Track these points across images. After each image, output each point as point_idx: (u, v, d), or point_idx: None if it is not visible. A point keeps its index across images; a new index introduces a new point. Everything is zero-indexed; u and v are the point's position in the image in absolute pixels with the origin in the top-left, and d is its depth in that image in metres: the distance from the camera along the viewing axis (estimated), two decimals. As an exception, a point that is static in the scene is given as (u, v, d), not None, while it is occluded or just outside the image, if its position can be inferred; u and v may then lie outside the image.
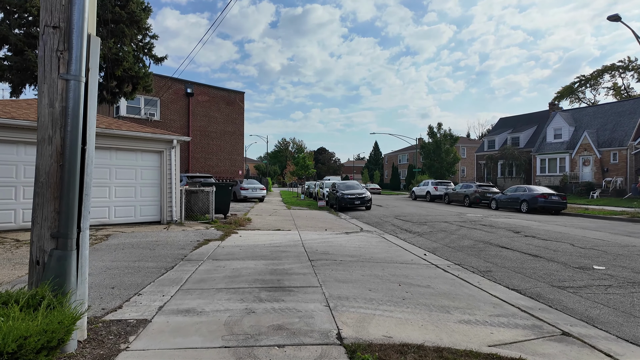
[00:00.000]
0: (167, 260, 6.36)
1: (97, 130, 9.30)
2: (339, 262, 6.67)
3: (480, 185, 24.45)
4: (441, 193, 28.41)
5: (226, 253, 7.20)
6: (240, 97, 32.04)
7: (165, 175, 10.57)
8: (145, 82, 17.06)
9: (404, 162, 67.37)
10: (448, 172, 38.67)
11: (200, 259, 6.58)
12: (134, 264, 6.01)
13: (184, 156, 27.83)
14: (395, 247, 8.67)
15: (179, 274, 5.52)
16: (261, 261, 6.54)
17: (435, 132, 39.06)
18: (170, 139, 10.52)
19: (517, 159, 37.02)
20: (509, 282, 5.84)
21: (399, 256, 7.53)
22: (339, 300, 4.45)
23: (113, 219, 9.78)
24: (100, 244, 7.48)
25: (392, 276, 5.79)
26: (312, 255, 7.16)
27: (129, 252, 6.85)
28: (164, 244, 7.77)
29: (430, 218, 15.32)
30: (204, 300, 4.38)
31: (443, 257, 7.76)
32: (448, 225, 13.05)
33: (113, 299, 4.32)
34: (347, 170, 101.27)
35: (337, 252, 7.65)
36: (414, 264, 6.83)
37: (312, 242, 8.84)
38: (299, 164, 32.01)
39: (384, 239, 9.77)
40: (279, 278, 5.38)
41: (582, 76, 50.65)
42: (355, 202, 19.64)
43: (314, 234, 10.36)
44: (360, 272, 5.98)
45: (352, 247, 8.35)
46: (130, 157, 10.07)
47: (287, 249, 7.77)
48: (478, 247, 8.81)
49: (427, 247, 8.81)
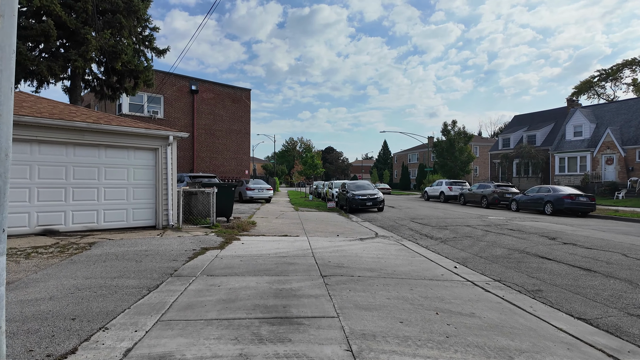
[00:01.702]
0: (153, 277, 5.34)
1: (83, 126, 8.37)
2: (356, 278, 5.59)
3: (498, 185, 23.15)
4: (456, 193, 27.13)
5: (224, 266, 6.17)
6: (247, 94, 31.08)
7: (161, 175, 9.58)
8: (145, 76, 16.15)
9: (414, 162, 65.95)
10: (462, 171, 37.20)
11: (192, 274, 5.55)
12: (112, 282, 5.00)
13: (188, 155, 26.96)
14: (419, 257, 7.56)
15: (163, 297, 4.49)
16: (264, 277, 5.49)
17: (449, 129, 37.61)
18: (165, 135, 9.52)
19: (534, 157, 35.48)
20: (569, 307, 4.71)
21: (425, 269, 6.43)
22: (363, 340, 3.38)
23: (102, 223, 8.82)
24: (80, 254, 6.49)
25: (425, 299, 4.70)
26: (324, 269, 6.09)
27: (110, 266, 5.85)
28: (153, 255, 6.76)
29: (450, 221, 14.15)
30: (187, 339, 3.34)
31: (477, 270, 6.64)
32: (472, 229, 11.88)
33: (68, 338, 3.30)
34: (355, 169, 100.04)
35: (353, 264, 6.57)
36: (446, 281, 5.72)
37: (323, 251, 7.78)
38: (307, 163, 30.93)
39: (403, 247, 8.66)
40: (285, 304, 4.32)
41: (603, 70, 48.68)
42: (366, 204, 18.52)
43: (325, 240, 9.29)
44: (385, 293, 4.90)
45: (369, 257, 7.27)
46: (122, 155, 9.10)
47: (295, 260, 6.72)
48: (514, 258, 7.66)
49: (455, 258, 7.69)
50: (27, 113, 7.66)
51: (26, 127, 7.55)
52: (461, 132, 37.44)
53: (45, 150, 8.01)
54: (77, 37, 13.48)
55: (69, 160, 8.32)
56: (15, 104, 8.36)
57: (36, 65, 12.68)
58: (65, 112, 8.76)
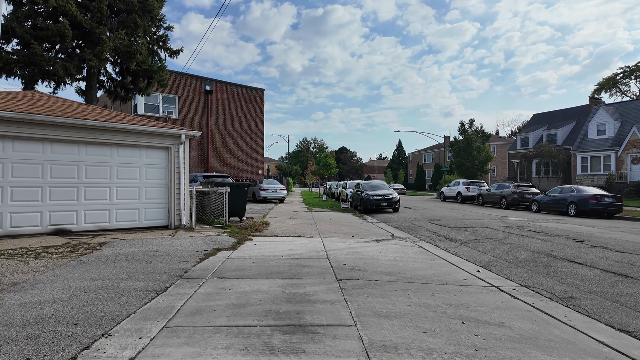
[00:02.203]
0: (162, 279, 5.15)
1: (94, 124, 8.27)
2: (374, 282, 5.29)
3: (518, 186, 22.43)
4: (474, 194, 26.46)
5: (236, 268, 5.94)
6: (260, 94, 31.02)
7: (173, 174, 9.45)
8: (160, 76, 16.15)
9: (429, 162, 64.99)
10: (480, 171, 36.27)
11: (202, 276, 5.34)
12: (120, 284, 4.82)
13: (202, 155, 27.03)
14: (439, 260, 7.20)
15: (171, 301, 4.28)
16: (277, 280, 5.24)
17: (466, 128, 36.72)
18: (178, 134, 9.38)
19: (555, 157, 34.38)
20: (609, 318, 4.31)
21: (446, 274, 6.08)
22: (384, 353, 3.08)
23: (114, 223, 8.72)
24: (90, 255, 6.36)
25: (448, 306, 4.36)
26: (339, 272, 5.81)
27: (120, 267, 5.69)
28: (164, 255, 6.59)
29: (469, 222, 13.67)
30: (193, 348, 3.10)
31: (502, 274, 6.25)
32: (493, 231, 11.41)
33: (68, 345, 3.10)
34: (369, 170, 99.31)
35: (369, 267, 6.26)
36: (470, 286, 5.36)
37: (338, 252, 7.49)
38: (321, 163, 30.64)
39: (422, 249, 8.30)
40: (298, 310, 4.05)
41: (626, 67, 46.95)
42: (381, 204, 18.13)
43: (340, 241, 9.00)
44: (405, 299, 4.58)
45: (386, 260, 6.94)
46: (134, 154, 8.99)
47: (309, 262, 6.45)
48: (541, 262, 7.22)
49: (477, 261, 7.30)
50: (40, 112, 7.61)
51: (38, 125, 7.50)
52: (479, 130, 36.50)
53: (57, 149, 7.95)
54: (92, 37, 13.53)
55: (81, 159, 8.25)
56: (29, 102, 8.34)
57: (52, 65, 12.76)
58: (78, 110, 8.70)
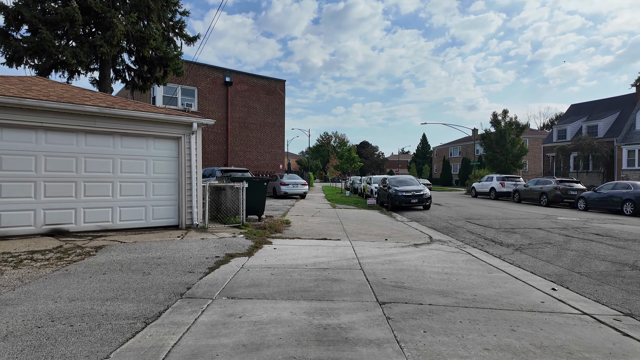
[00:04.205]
0: (158, 299, 4.07)
1: (94, 110, 7.20)
2: (427, 308, 4.04)
3: (561, 181, 20.49)
4: (508, 190, 24.59)
5: (250, 282, 4.82)
6: (281, 85, 29.92)
7: (184, 167, 8.43)
8: (175, 64, 15.25)
9: (456, 156, 62.55)
10: (514, 165, 34.01)
11: (208, 295, 4.23)
12: (102, 308, 3.77)
13: (222, 150, 26.26)
14: (498, 272, 5.87)
15: (162, 336, 3.17)
16: (301, 303, 4.08)
17: (499, 119, 34.45)
18: (189, 122, 8.33)
19: (597, 150, 31.80)
20: None
21: (515, 292, 4.76)
22: None
23: (118, 222, 7.78)
24: (79, 263, 5.37)
25: (541, 350, 3.08)
26: (379, 291, 4.59)
27: (110, 280, 4.66)
28: (167, 264, 5.54)
29: (515, 223, 12.14)
30: None
31: (586, 294, 4.88)
32: (547, 233, 9.89)
33: None
34: (391, 164, 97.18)
35: (415, 283, 5.02)
36: (555, 314, 4.04)
37: (372, 261, 6.26)
38: (344, 157, 29.32)
39: (472, 257, 6.96)
40: (334, 358, 2.86)
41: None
42: (411, 201, 16.73)
43: (372, 246, 7.76)
44: (477, 336, 3.33)
45: (433, 272, 5.67)
46: (140, 144, 8.01)
47: (340, 275, 5.26)
48: (629, 276, 5.78)
49: (544, 273, 5.92)
50: (33, 96, 6.69)
51: (30, 111, 6.58)
52: (512, 122, 34.16)
53: (52, 138, 7.04)
54: (103, 22, 12.71)
55: (79, 150, 7.32)
56: (24, 86, 7.46)
57: (61, 52, 12.00)
58: (79, 96, 7.78)
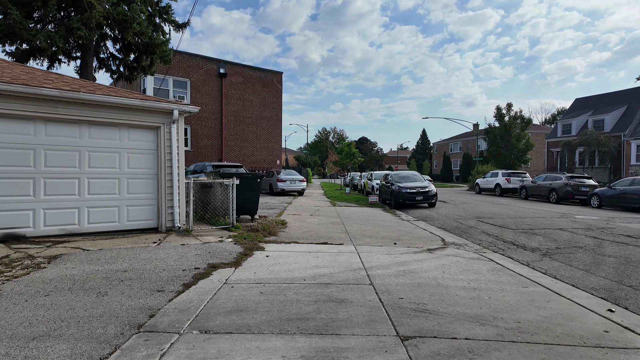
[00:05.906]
0: (106, 334, 3.04)
1: (54, 94, 5.76)
2: (465, 346, 3.03)
3: (572, 177, 19.52)
4: (515, 186, 23.61)
5: (233, 306, 3.79)
6: (278, 77, 28.77)
7: (164, 162, 7.37)
8: (162, 51, 14.14)
9: (457, 151, 61.53)
10: (519, 160, 32.95)
11: (175, 328, 3.20)
12: (19, 353, 2.73)
13: (216, 144, 25.16)
14: (533, 285, 4.86)
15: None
16: (298, 340, 3.05)
17: (503, 113, 33.35)
18: (169, 109, 7.25)
19: (604, 145, 30.84)
20: None
21: (565, 317, 3.76)
22: None
23: (86, 225, 6.72)
24: (20, 280, 4.32)
25: None
26: (398, 318, 3.57)
27: (50, 305, 3.63)
28: (133, 279, 4.51)
29: (531, 222, 11.13)
30: None
31: (655, 320, 3.87)
32: (572, 235, 8.90)
33: None
34: (390, 160, 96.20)
35: (440, 304, 4.00)
36: (629, 351, 3.03)
37: (383, 272, 5.24)
38: (344, 152, 28.27)
39: (497, 265, 5.95)
40: None
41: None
42: (416, 198, 15.71)
43: (381, 251, 6.74)
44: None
45: (458, 286, 4.66)
46: (112, 135, 6.94)
47: (346, 294, 4.24)
48: (694, 292, 4.78)
49: (587, 287, 4.93)
50: (-21, 77, 5.62)
51: (-27, 95, 5.52)
52: (517, 116, 33.08)
53: (4, 127, 5.97)
54: (80, 2, 11.57)
55: (38, 141, 6.26)
56: None
57: (33, 35, 10.88)
58: (40, 78, 6.70)
